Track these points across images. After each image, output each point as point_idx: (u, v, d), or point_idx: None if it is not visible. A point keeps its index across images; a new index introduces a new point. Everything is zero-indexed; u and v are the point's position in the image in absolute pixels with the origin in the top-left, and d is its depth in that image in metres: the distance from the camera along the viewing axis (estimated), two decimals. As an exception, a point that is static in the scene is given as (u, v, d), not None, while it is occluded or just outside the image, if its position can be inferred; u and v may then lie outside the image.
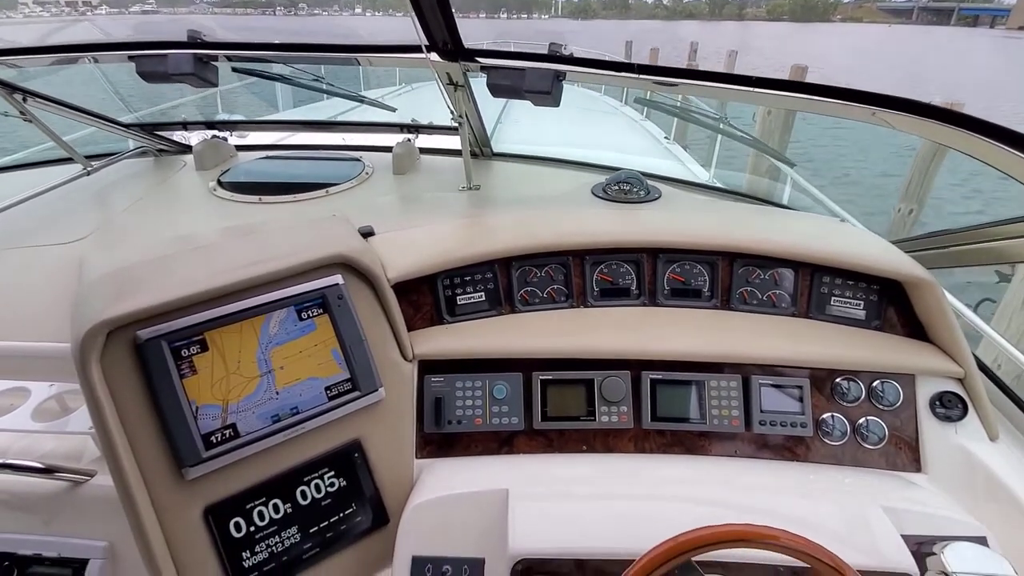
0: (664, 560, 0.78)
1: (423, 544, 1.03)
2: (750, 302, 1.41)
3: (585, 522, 1.01)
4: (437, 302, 1.36)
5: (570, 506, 1.05)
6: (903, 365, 1.24)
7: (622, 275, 1.43)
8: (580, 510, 1.04)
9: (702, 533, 0.79)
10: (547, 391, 1.25)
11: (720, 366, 1.27)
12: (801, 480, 1.17)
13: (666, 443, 1.25)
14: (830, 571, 0.78)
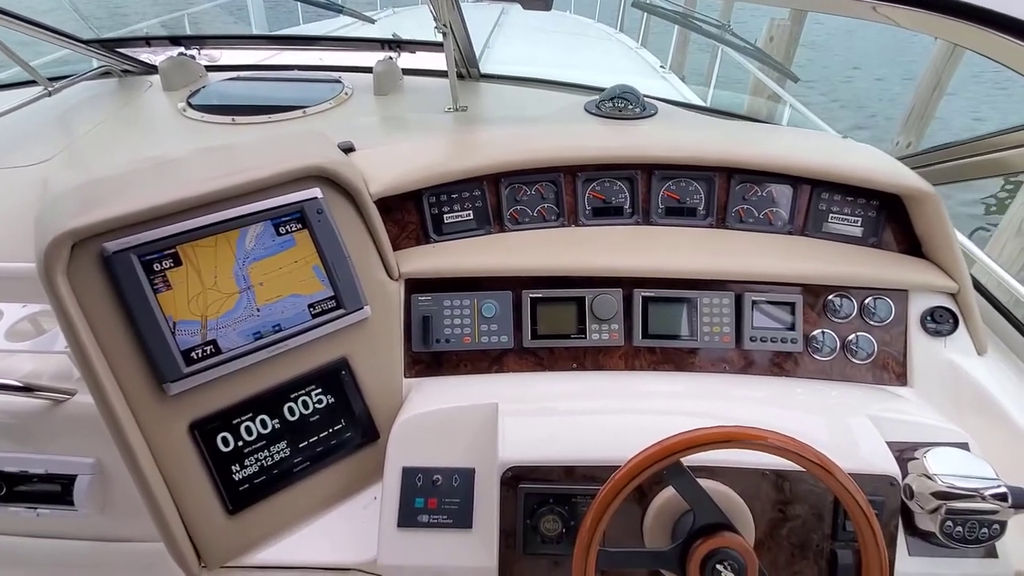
0: (653, 461, 0.78)
1: (413, 456, 1.03)
2: (746, 220, 1.37)
3: (574, 433, 1.01)
4: (423, 220, 1.31)
5: (559, 419, 1.05)
6: (898, 280, 1.23)
7: (615, 193, 1.38)
8: (569, 422, 1.04)
9: (690, 435, 0.78)
10: (537, 309, 1.23)
11: (713, 283, 1.24)
12: (788, 394, 1.18)
13: (656, 360, 1.24)
14: (817, 470, 0.78)
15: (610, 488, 0.79)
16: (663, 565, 0.85)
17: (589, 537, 0.79)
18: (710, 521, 0.83)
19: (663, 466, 0.79)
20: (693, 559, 0.82)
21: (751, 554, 0.81)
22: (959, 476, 0.93)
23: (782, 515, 0.96)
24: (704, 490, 0.82)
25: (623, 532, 0.96)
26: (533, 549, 0.95)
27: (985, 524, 0.93)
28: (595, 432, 1.00)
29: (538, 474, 0.95)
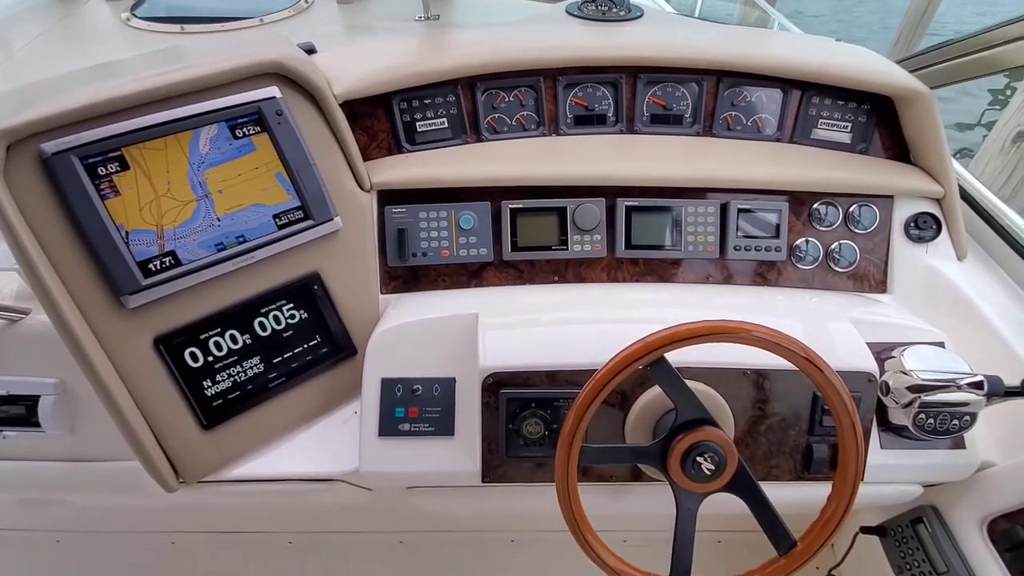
0: (636, 357, 0.76)
1: (392, 367, 1.00)
2: (734, 128, 1.31)
3: (555, 340, 0.99)
4: (394, 128, 1.22)
5: (540, 327, 1.03)
6: (885, 186, 1.20)
7: (598, 100, 1.30)
8: (550, 331, 1.02)
9: (673, 330, 0.77)
10: (517, 220, 1.18)
11: (698, 192, 1.20)
12: (770, 301, 1.17)
13: (639, 272, 1.22)
14: (801, 361, 0.78)
15: (593, 385, 0.78)
16: (645, 460, 0.85)
17: (572, 433, 0.78)
18: (692, 417, 0.83)
19: (646, 362, 0.77)
20: (674, 452, 0.82)
21: (731, 446, 0.82)
22: (934, 371, 0.95)
23: (761, 413, 0.97)
24: (687, 386, 0.82)
25: (606, 435, 0.97)
26: (516, 452, 0.95)
27: (957, 416, 0.96)
28: (576, 339, 0.99)
29: (519, 380, 0.94)
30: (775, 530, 0.84)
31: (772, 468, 0.99)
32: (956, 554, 1.04)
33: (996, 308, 1.14)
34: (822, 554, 1.44)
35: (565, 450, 0.79)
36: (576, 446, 0.79)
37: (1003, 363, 1.05)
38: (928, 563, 1.07)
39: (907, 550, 1.12)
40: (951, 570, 1.03)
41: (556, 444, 0.80)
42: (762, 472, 0.99)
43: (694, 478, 0.82)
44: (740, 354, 0.96)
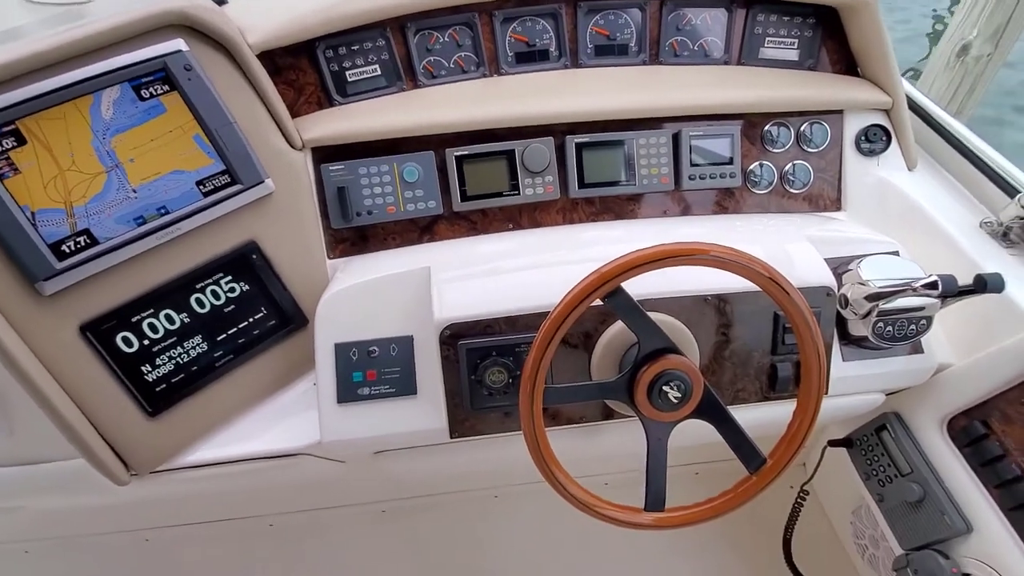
0: (593, 289, 0.74)
1: (345, 331, 0.95)
2: (681, 54, 1.27)
3: (512, 286, 0.95)
4: (322, 80, 1.14)
5: (495, 275, 0.99)
6: (834, 100, 1.18)
7: (539, 34, 1.23)
8: (507, 277, 0.98)
9: (628, 258, 0.74)
10: (464, 168, 1.12)
11: (649, 123, 1.16)
12: (728, 227, 1.15)
13: (595, 211, 1.18)
14: (758, 277, 0.76)
15: (550, 323, 0.75)
16: (612, 395, 0.83)
17: (532, 374, 0.76)
18: (655, 347, 0.81)
19: (603, 293, 0.74)
20: (640, 384, 0.80)
21: (696, 373, 0.81)
22: (890, 278, 0.95)
23: (725, 338, 0.97)
24: (647, 316, 0.80)
25: (572, 377, 0.95)
26: (481, 403, 0.92)
27: (913, 321, 0.97)
28: (533, 282, 0.95)
29: (477, 329, 0.91)
30: (744, 449, 0.84)
31: (739, 392, 1.00)
32: (919, 455, 1.07)
33: (946, 213, 1.15)
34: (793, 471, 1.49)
35: (528, 392, 0.76)
36: (539, 387, 0.76)
37: (956, 266, 1.06)
38: (893, 467, 1.11)
39: (872, 457, 1.15)
40: (915, 471, 1.06)
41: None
42: (729, 396, 1.00)
43: (661, 407, 0.81)
44: (700, 281, 0.95)
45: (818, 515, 1.54)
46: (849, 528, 1.45)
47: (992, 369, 0.98)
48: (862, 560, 1.42)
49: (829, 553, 1.49)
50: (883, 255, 1.01)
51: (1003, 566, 0.93)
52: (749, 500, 0.86)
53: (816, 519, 1.53)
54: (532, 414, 0.77)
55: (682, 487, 1.57)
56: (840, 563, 1.48)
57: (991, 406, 0.99)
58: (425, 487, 1.60)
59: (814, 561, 1.36)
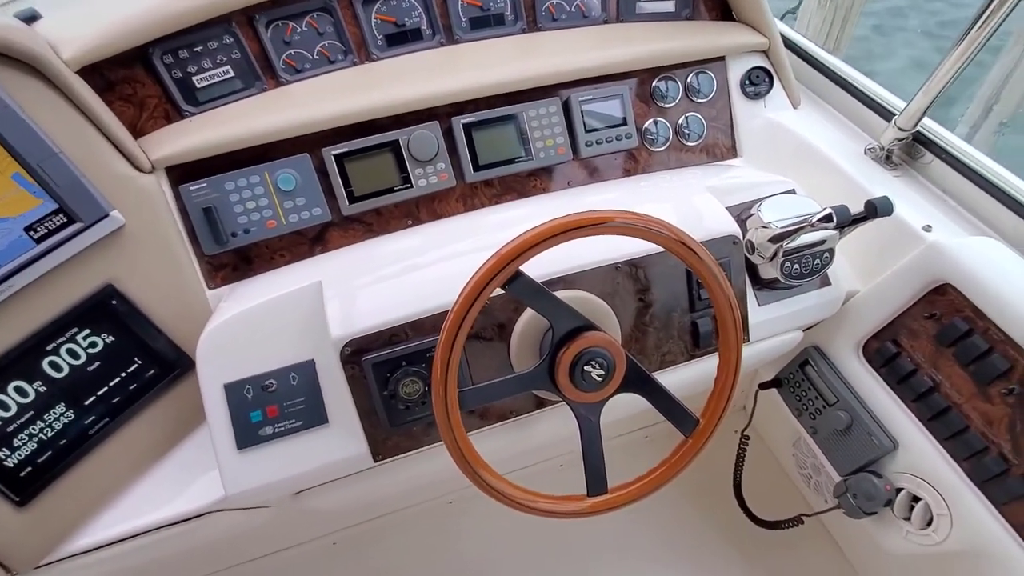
0: (489, 278, 0.68)
1: (233, 368, 0.85)
2: (559, 17, 1.22)
3: (413, 288, 0.88)
4: (166, 90, 1.00)
5: (395, 279, 0.91)
6: (714, 47, 1.17)
7: (407, 12, 1.14)
8: (406, 280, 0.91)
9: (524, 237, 0.68)
10: (346, 167, 1.03)
11: (537, 92, 1.11)
12: (633, 190, 1.13)
13: (496, 193, 1.12)
14: (668, 242, 0.73)
15: (451, 323, 0.68)
16: (533, 385, 0.79)
17: (442, 382, 0.69)
18: (570, 327, 0.77)
19: (501, 280, 0.68)
20: (560, 368, 0.76)
21: (616, 346, 0.77)
22: (790, 217, 0.95)
23: (643, 303, 0.94)
24: (555, 296, 0.75)
25: (493, 372, 0.89)
26: (400, 419, 0.85)
27: (817, 256, 0.98)
28: (435, 279, 0.88)
29: (381, 341, 0.83)
30: (676, 414, 0.82)
31: (665, 355, 0.98)
32: (842, 383, 1.10)
33: (833, 145, 1.18)
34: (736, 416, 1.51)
35: (440, 400, 0.70)
36: (451, 394, 0.70)
37: (848, 194, 1.09)
38: (821, 399, 1.14)
39: (801, 393, 1.18)
40: (840, 399, 1.09)
41: (436, 398, 0.71)
42: (656, 361, 0.98)
43: (587, 388, 0.77)
44: (608, 249, 0.91)
45: (764, 454, 1.59)
46: (792, 461, 1.50)
47: (893, 289, 1.02)
48: (808, 488, 1.47)
49: (778, 488, 1.55)
50: (780, 195, 1.02)
51: (929, 474, 0.97)
52: (690, 463, 0.84)
53: (763, 458, 1.58)
54: (449, 423, 0.71)
55: (635, 453, 1.56)
56: (789, 495, 1.54)
57: (898, 325, 1.02)
58: (370, 511, 1.51)
59: (765, 498, 1.40)
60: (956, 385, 0.94)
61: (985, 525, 0.89)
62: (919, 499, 0.99)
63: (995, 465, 0.88)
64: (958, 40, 0.98)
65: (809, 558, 1.42)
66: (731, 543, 1.49)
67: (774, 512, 1.34)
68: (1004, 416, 0.87)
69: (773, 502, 1.41)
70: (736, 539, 1.48)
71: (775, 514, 1.33)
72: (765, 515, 1.36)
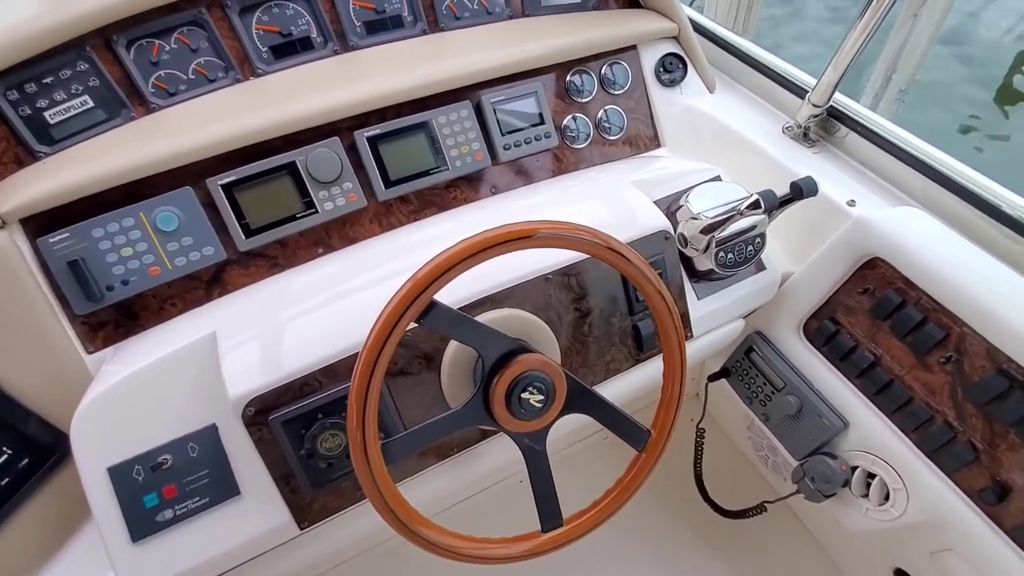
0: (398, 315, 0.59)
1: (118, 446, 0.73)
2: (461, 15, 1.15)
3: (325, 327, 0.78)
4: (13, 130, 0.86)
5: (302, 319, 0.81)
6: (624, 36, 1.13)
7: (292, 20, 1.04)
8: (314, 319, 0.81)
9: (432, 265, 0.60)
10: (237, 197, 0.91)
11: (445, 97, 1.03)
12: (559, 191, 1.07)
13: (414, 209, 1.04)
14: (598, 250, 0.67)
15: (361, 369, 0.60)
16: (468, 422, 0.71)
17: (360, 435, 0.61)
18: (501, 353, 0.70)
19: (413, 316, 0.60)
20: (496, 399, 0.69)
21: (552, 366, 0.71)
22: (718, 206, 0.92)
23: (579, 312, 0.88)
24: (476, 322, 0.68)
25: (425, 410, 0.81)
26: (324, 479, 0.75)
27: (749, 242, 0.96)
28: (350, 315, 0.79)
29: (291, 393, 0.73)
30: (626, 429, 0.77)
31: (610, 364, 0.93)
32: (787, 367, 1.09)
33: (752, 126, 1.16)
34: (688, 406, 1.49)
35: (362, 459, 0.61)
36: (372, 449, 0.62)
37: (772, 174, 1.08)
38: (769, 385, 1.12)
39: (749, 380, 1.16)
40: (788, 383, 1.08)
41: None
42: (601, 372, 0.92)
43: (527, 416, 0.71)
44: (535, 260, 0.84)
45: (722, 441, 1.58)
46: (749, 444, 1.49)
47: (825, 267, 1.01)
48: (767, 468, 1.47)
49: (740, 473, 1.54)
50: (707, 183, 0.99)
51: (881, 450, 0.97)
52: (646, 477, 0.79)
53: (721, 445, 1.57)
54: (375, 482, 0.62)
55: (598, 457, 1.49)
56: (751, 479, 1.53)
57: (834, 302, 1.02)
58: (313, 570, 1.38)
59: (728, 485, 1.38)
60: (896, 358, 0.93)
61: (939, 495, 0.89)
62: (875, 475, 0.98)
63: (941, 434, 0.88)
64: (860, 13, 0.98)
65: (778, 541, 1.41)
66: (699, 535, 1.46)
67: (739, 497, 1.33)
68: (945, 384, 0.87)
69: (737, 488, 1.40)
70: (703, 530, 1.46)
71: (740, 500, 1.32)
72: (730, 502, 1.34)
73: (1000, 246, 0.92)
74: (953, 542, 0.91)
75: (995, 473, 0.83)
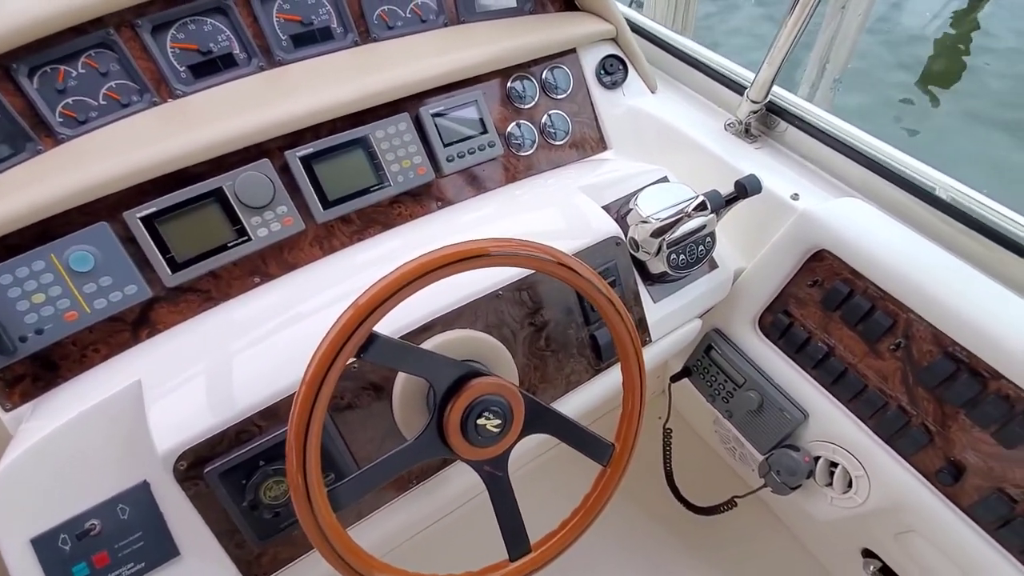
0: (332, 358, 0.55)
1: (40, 515, 0.66)
2: (394, 24, 1.11)
3: (261, 365, 0.73)
4: None
5: (238, 358, 0.76)
6: (563, 40, 1.12)
7: (211, 37, 0.98)
8: (252, 356, 0.76)
9: (374, 291, 0.57)
10: (160, 229, 0.85)
11: (381, 110, 0.99)
12: (507, 201, 1.05)
13: (357, 229, 0.99)
14: (546, 265, 0.64)
15: (298, 417, 0.55)
16: (423, 455, 0.67)
17: (301, 483, 0.56)
18: (452, 379, 0.67)
19: (353, 350, 0.56)
20: (450, 428, 0.65)
21: (507, 388, 0.68)
22: (666, 208, 0.91)
23: (534, 327, 0.86)
24: (421, 349, 0.64)
25: (379, 444, 0.77)
26: (271, 530, 0.70)
27: (700, 242, 0.95)
28: (287, 351, 0.74)
29: (226, 442, 0.68)
30: (588, 445, 0.75)
31: (569, 376, 0.90)
32: (746, 362, 1.09)
33: (694, 125, 1.17)
34: (655, 404, 1.48)
35: (304, 507, 0.57)
36: (317, 498, 0.57)
37: (717, 172, 1.08)
38: (730, 381, 1.12)
39: (710, 378, 1.17)
40: (748, 379, 1.08)
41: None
42: (561, 385, 0.90)
43: (485, 443, 0.68)
44: (485, 276, 0.81)
45: (690, 436, 1.59)
46: (716, 437, 1.50)
47: (775, 262, 1.01)
48: (735, 460, 1.48)
49: (710, 467, 1.55)
50: (654, 185, 0.98)
51: (841, 439, 0.98)
52: (614, 491, 0.77)
53: (689, 441, 1.58)
54: (320, 529, 0.58)
55: (567, 465, 1.46)
56: (721, 472, 1.54)
57: (786, 296, 1.02)
58: None
59: (699, 480, 1.39)
60: (848, 347, 0.95)
61: (899, 479, 0.90)
62: (837, 464, 0.99)
63: (896, 419, 0.89)
64: (789, 9, 1.00)
65: (751, 533, 1.42)
66: (673, 533, 1.46)
67: (712, 492, 1.33)
68: (896, 370, 0.89)
69: (709, 483, 1.40)
70: (677, 528, 1.46)
71: (713, 494, 1.32)
72: (703, 498, 1.34)
73: (937, 231, 0.94)
74: (914, 523, 0.92)
75: (949, 454, 0.85)
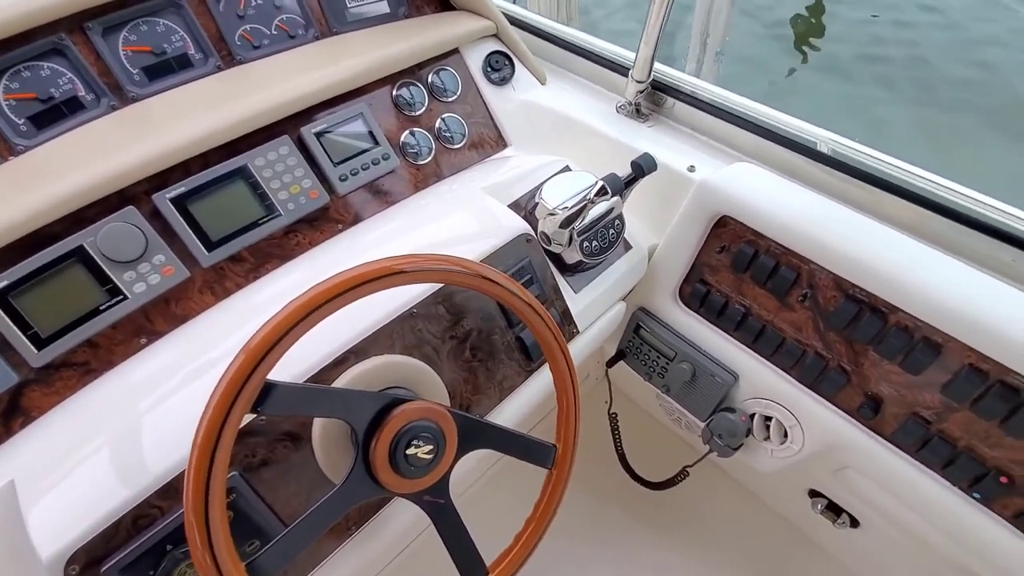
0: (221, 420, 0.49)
1: None
2: (260, 44, 1.03)
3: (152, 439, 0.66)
4: None
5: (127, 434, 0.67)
6: (442, 41, 1.09)
7: (50, 82, 0.87)
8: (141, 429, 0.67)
9: (262, 334, 0.51)
10: (16, 304, 0.74)
11: (257, 136, 0.92)
12: (412, 213, 1.00)
13: (252, 267, 0.92)
14: (464, 279, 0.61)
15: (193, 489, 0.49)
16: (354, 499, 0.62)
17: (211, 564, 0.50)
18: (372, 413, 0.62)
19: (246, 406, 0.51)
20: (379, 465, 0.61)
21: (433, 409, 0.64)
22: (571, 197, 0.91)
23: (457, 339, 0.82)
24: (328, 389, 0.60)
25: (310, 495, 0.71)
26: (194, 616, 0.62)
27: (609, 226, 0.95)
28: (180, 416, 0.66)
29: (122, 532, 0.59)
30: (531, 451, 0.73)
31: (502, 383, 0.88)
32: (674, 335, 1.11)
33: (587, 111, 1.17)
34: (599, 388, 1.48)
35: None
36: (233, 572, 0.51)
37: (615, 154, 1.09)
38: (663, 357, 1.14)
39: (644, 357, 1.18)
40: (678, 352, 1.10)
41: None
42: (497, 393, 0.87)
43: (420, 472, 0.63)
44: (393, 297, 0.77)
45: (639, 416, 1.61)
46: (662, 411, 1.53)
47: (683, 234, 1.04)
48: (682, 429, 1.52)
49: (662, 441, 1.57)
50: (557, 176, 0.97)
51: (770, 393, 1.02)
52: (563, 492, 0.75)
53: (639, 420, 1.60)
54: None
55: (520, 471, 1.45)
56: (673, 444, 1.57)
57: (699, 265, 1.05)
58: None
59: (654, 456, 1.40)
60: (763, 304, 0.98)
61: (827, 421, 0.95)
62: (771, 418, 1.03)
63: (815, 365, 0.93)
64: (657, -14, 1.02)
65: (708, 495, 1.46)
66: (633, 513, 1.47)
67: (666, 465, 1.35)
68: (808, 319, 0.93)
69: (662, 458, 1.42)
70: (637, 507, 1.47)
71: (669, 467, 1.34)
72: (659, 473, 1.36)
73: (824, 183, 1.00)
74: (847, 459, 0.97)
75: (866, 389, 0.90)
